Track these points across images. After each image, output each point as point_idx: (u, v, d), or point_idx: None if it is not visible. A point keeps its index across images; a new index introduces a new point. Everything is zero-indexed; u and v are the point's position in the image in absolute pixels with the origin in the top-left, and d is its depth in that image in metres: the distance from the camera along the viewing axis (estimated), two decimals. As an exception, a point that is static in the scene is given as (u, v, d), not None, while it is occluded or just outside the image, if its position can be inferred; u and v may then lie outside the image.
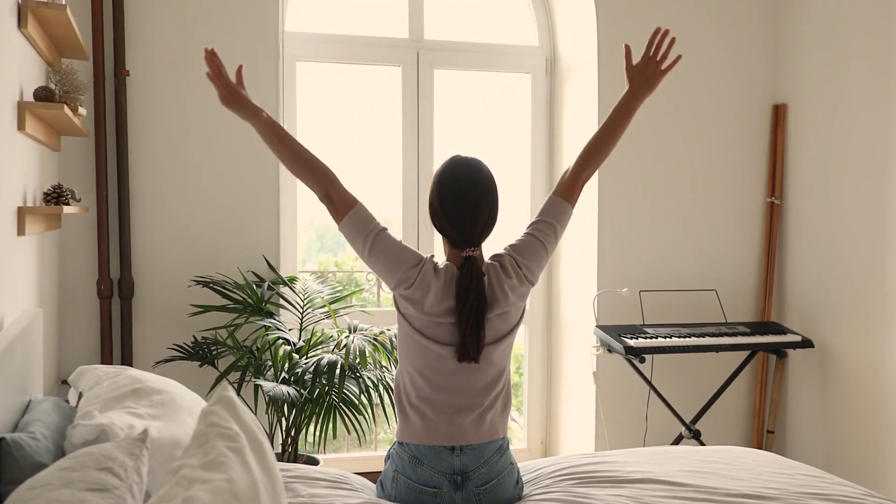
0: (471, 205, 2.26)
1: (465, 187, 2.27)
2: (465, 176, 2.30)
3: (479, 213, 2.27)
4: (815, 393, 4.05)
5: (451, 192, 2.27)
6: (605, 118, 2.47)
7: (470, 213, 2.26)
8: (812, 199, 4.05)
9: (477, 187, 2.29)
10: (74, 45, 3.01)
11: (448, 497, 2.21)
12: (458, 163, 2.33)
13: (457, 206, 2.26)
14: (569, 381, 4.36)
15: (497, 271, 2.27)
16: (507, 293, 2.25)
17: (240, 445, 1.50)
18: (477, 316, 2.19)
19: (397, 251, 2.25)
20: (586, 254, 4.15)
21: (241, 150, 3.74)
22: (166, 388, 2.26)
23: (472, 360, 2.21)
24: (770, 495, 2.24)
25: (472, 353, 2.20)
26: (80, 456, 1.58)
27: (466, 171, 2.31)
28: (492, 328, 2.25)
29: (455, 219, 2.26)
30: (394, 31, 4.26)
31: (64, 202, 2.82)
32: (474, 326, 2.19)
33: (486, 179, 2.31)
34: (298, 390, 3.34)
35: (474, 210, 2.26)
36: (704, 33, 4.20)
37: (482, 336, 2.20)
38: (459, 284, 2.21)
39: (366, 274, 4.49)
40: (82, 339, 3.62)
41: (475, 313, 2.19)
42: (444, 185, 2.29)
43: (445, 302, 2.21)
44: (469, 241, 2.26)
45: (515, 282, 2.27)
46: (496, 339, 2.26)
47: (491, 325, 2.24)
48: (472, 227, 2.26)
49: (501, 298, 2.24)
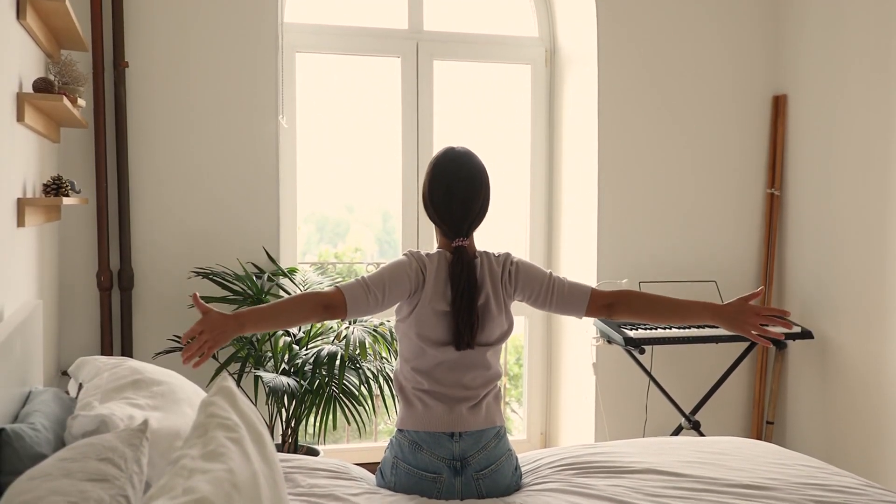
0: (462, 198, 2.32)
1: (456, 180, 2.33)
2: (456, 169, 2.35)
3: (470, 206, 2.33)
4: (814, 384, 4.05)
5: (442, 185, 2.33)
6: (674, 304, 2.37)
7: (460, 206, 2.32)
8: (812, 191, 4.05)
9: (468, 181, 2.34)
10: (73, 37, 3.01)
11: (447, 482, 2.24)
12: (450, 155, 2.37)
13: (448, 198, 2.32)
14: (568, 373, 4.36)
15: (490, 260, 2.35)
16: (497, 279, 2.32)
17: (240, 436, 1.50)
18: (469, 299, 2.25)
19: (388, 276, 2.26)
20: (586, 245, 4.15)
21: (240, 141, 3.74)
22: (166, 378, 2.26)
23: (468, 345, 2.26)
24: (769, 486, 2.25)
25: (466, 338, 2.25)
26: (81, 446, 1.58)
27: (458, 163, 2.36)
28: (488, 314, 2.30)
29: (446, 211, 2.33)
30: (393, 22, 4.25)
31: (63, 193, 2.82)
32: (467, 310, 2.25)
33: (478, 172, 2.37)
34: (298, 381, 3.34)
35: (465, 203, 2.32)
36: (704, 24, 4.19)
37: (475, 319, 2.25)
38: (452, 269, 2.28)
39: (366, 266, 4.49)
40: (82, 331, 3.62)
41: (467, 297, 2.25)
42: (436, 178, 2.35)
43: (441, 285, 2.27)
44: (459, 232, 2.33)
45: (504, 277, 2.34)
46: (489, 342, 2.32)
47: (486, 311, 2.30)
48: (463, 219, 2.33)
49: (492, 281, 2.31)
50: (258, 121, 3.76)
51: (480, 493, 2.25)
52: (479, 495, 2.25)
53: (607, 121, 4.06)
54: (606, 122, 4.06)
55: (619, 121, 4.09)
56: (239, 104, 3.74)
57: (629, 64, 4.10)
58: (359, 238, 4.66)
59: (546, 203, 4.47)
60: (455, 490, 2.24)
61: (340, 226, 4.64)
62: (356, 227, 4.69)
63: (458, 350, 2.27)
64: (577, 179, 4.24)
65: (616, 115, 4.08)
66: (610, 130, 4.07)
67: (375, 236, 4.66)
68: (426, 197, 2.36)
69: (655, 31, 4.13)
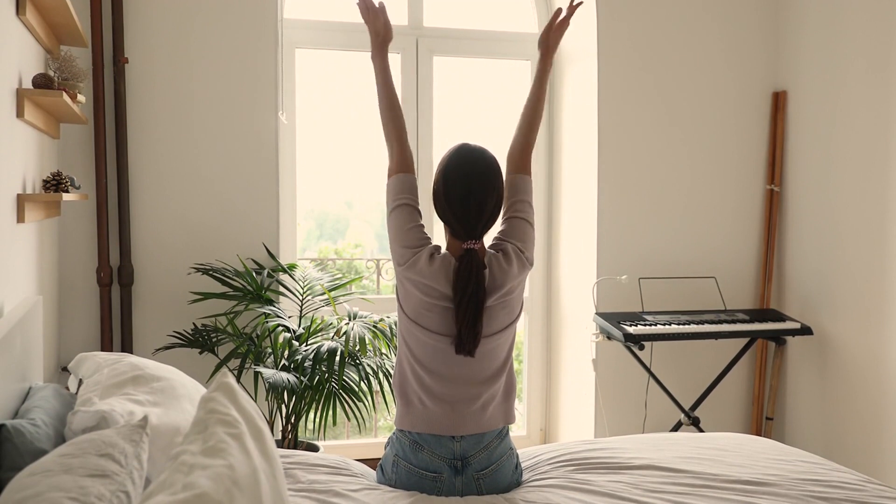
0: (477, 198, 2.21)
1: (472, 180, 2.22)
2: (472, 167, 2.24)
3: (484, 206, 2.23)
4: (813, 380, 4.06)
5: (457, 184, 2.22)
6: (529, 96, 2.50)
7: (476, 207, 2.21)
8: (812, 187, 4.05)
9: (484, 180, 2.23)
10: (73, 33, 3.01)
11: (448, 482, 2.22)
12: (466, 152, 2.27)
13: (462, 198, 2.21)
14: (568, 369, 4.37)
15: (500, 261, 2.25)
16: (509, 280, 2.24)
17: (239, 432, 1.50)
18: (475, 307, 2.17)
19: (405, 229, 2.25)
20: (586, 241, 4.15)
21: (240, 137, 3.74)
22: (166, 375, 2.26)
23: (468, 352, 2.19)
24: (769, 481, 2.25)
25: (468, 346, 2.18)
26: (81, 442, 1.58)
27: (473, 161, 2.25)
28: (494, 318, 2.24)
29: (459, 211, 2.22)
30: (393, 18, 4.18)
31: (63, 189, 2.82)
32: (472, 318, 2.16)
33: (494, 171, 2.27)
34: (298, 377, 3.34)
35: (480, 204, 2.22)
36: (704, 20, 4.18)
37: (479, 329, 2.18)
38: (459, 275, 2.18)
39: (365, 262, 4.49)
40: (82, 327, 3.62)
41: (473, 304, 2.16)
42: (449, 176, 2.24)
43: (436, 287, 2.20)
44: (471, 234, 2.23)
45: (516, 269, 2.26)
46: (499, 329, 2.26)
47: (493, 315, 2.23)
48: (477, 219, 2.22)
49: (503, 284, 2.23)
50: (258, 117, 3.76)
51: (481, 491, 2.24)
52: (480, 493, 2.24)
53: (607, 117, 4.06)
54: (606, 119, 4.06)
55: (619, 117, 4.09)
56: (239, 100, 3.74)
57: (629, 60, 4.10)
58: (358, 234, 4.66)
59: (546, 199, 4.47)
60: (455, 488, 2.23)
61: (340, 222, 4.65)
62: (356, 223, 4.69)
63: (457, 353, 2.21)
64: (576, 175, 4.24)
65: (616, 112, 4.08)
66: (610, 127, 4.07)
67: (375, 232, 4.66)
68: (438, 194, 2.25)
69: (655, 27, 4.12)
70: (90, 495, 1.40)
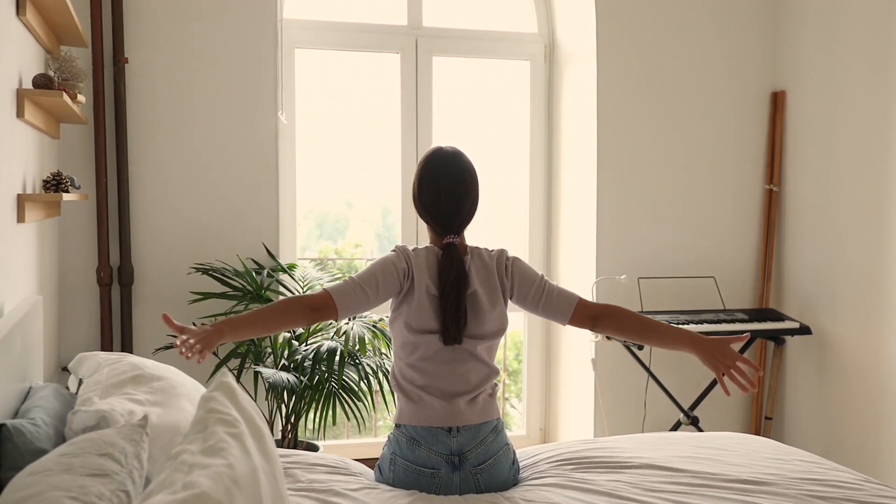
0: (451, 199, 2.34)
1: (445, 182, 2.35)
2: (445, 170, 2.37)
3: (459, 206, 2.36)
4: (812, 379, 4.06)
5: (431, 187, 2.36)
6: (658, 327, 2.37)
7: (450, 207, 2.35)
8: (810, 187, 4.05)
9: (457, 182, 2.36)
10: (73, 33, 3.01)
11: (446, 478, 2.24)
12: (439, 156, 2.40)
13: (437, 200, 2.35)
14: (567, 368, 4.37)
15: (481, 254, 2.37)
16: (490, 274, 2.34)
17: (239, 431, 1.50)
18: (457, 294, 2.27)
19: (379, 273, 2.28)
20: (585, 241, 4.15)
21: (240, 137, 3.74)
22: (166, 374, 2.27)
23: (454, 339, 2.27)
24: (768, 481, 2.25)
25: (453, 333, 2.27)
26: (81, 442, 1.59)
27: (447, 164, 2.38)
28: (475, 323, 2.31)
29: (435, 212, 2.36)
30: (392, 19, 4.25)
31: (63, 189, 2.82)
32: (454, 304, 2.26)
33: (467, 172, 2.39)
34: (298, 377, 3.35)
35: (455, 204, 2.35)
36: (703, 20, 4.18)
37: (462, 314, 2.27)
38: (441, 266, 2.30)
39: (365, 262, 4.49)
40: (82, 327, 3.63)
41: (454, 290, 2.27)
42: (424, 179, 2.37)
43: (428, 278, 2.30)
44: (449, 231, 2.36)
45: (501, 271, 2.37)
46: (482, 335, 2.33)
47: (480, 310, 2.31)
48: (453, 219, 2.35)
49: (484, 275, 2.34)
50: (258, 117, 3.76)
51: (479, 487, 2.26)
52: (478, 490, 2.26)
53: (606, 116, 4.06)
54: (605, 118, 4.06)
55: (618, 116, 4.09)
56: (238, 100, 3.74)
57: (628, 60, 4.10)
58: (358, 234, 4.66)
59: (545, 198, 4.47)
60: (453, 485, 2.25)
61: (340, 221, 4.65)
62: (356, 222, 4.69)
63: (445, 344, 2.28)
64: (576, 175, 4.24)
65: (615, 111, 4.08)
66: (609, 126, 4.07)
67: (375, 232, 4.67)
68: (415, 196, 2.39)
69: (654, 26, 4.13)
70: (90, 494, 1.41)
